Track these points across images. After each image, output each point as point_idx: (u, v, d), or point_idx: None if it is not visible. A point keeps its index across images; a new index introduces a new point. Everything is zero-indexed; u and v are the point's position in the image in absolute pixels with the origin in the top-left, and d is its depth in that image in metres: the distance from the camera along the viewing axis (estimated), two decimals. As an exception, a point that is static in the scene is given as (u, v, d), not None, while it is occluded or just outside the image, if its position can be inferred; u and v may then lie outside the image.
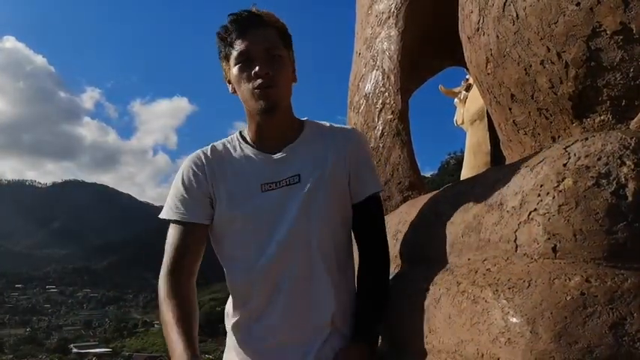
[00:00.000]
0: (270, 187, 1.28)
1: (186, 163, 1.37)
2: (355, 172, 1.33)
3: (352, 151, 1.34)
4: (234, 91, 1.33)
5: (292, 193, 1.27)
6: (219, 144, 1.40)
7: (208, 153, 1.37)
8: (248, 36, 1.26)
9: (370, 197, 1.34)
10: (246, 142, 1.37)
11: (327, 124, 1.42)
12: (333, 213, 1.29)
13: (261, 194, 1.27)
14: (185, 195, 1.32)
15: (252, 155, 1.34)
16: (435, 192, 1.63)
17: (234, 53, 1.27)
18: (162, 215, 1.34)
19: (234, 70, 1.28)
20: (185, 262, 1.28)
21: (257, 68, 1.24)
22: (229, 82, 1.34)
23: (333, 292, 1.26)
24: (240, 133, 1.41)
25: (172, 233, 1.31)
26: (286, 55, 1.31)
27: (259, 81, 1.24)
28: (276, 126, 1.33)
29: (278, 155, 1.32)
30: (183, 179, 1.34)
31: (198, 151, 1.39)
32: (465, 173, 3.97)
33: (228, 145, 1.38)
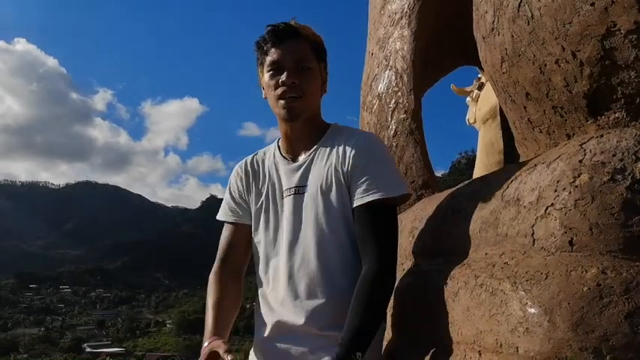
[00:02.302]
0: (288, 193, 1.40)
1: (233, 171, 1.58)
2: (353, 180, 1.31)
3: (355, 159, 1.31)
4: (266, 97, 1.42)
5: (299, 201, 1.37)
6: (261, 151, 1.56)
7: (249, 161, 1.54)
8: (281, 46, 1.35)
9: (365, 205, 1.27)
10: (280, 150, 1.49)
11: (348, 130, 1.43)
12: (332, 223, 1.32)
13: (282, 199, 1.41)
14: (229, 198, 1.54)
15: (280, 162, 1.46)
16: (450, 189, 1.66)
17: (268, 61, 1.37)
18: (218, 217, 1.56)
19: (266, 76, 1.38)
20: (231, 257, 1.49)
21: (284, 77, 1.33)
22: (262, 87, 1.43)
23: (330, 304, 1.29)
24: (278, 141, 1.52)
25: (223, 231, 1.53)
26: (316, 68, 1.39)
27: (284, 89, 1.33)
28: (298, 133, 1.42)
29: (295, 164, 1.42)
30: (228, 184, 1.57)
31: (244, 159, 1.57)
32: (478, 172, 3.98)
33: (267, 152, 1.53)
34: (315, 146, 1.41)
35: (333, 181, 1.33)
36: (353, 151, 1.32)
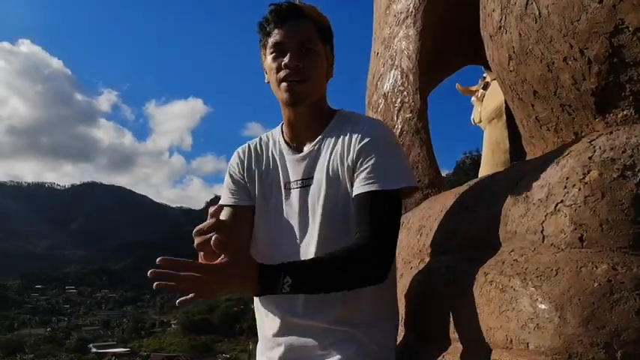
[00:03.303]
0: (291, 185, 1.34)
1: (233, 155, 1.49)
2: (356, 170, 1.25)
3: (359, 149, 1.25)
4: (269, 81, 1.35)
5: (305, 194, 1.31)
6: (264, 136, 1.48)
7: (252, 145, 1.46)
8: (285, 27, 1.28)
9: (363, 194, 1.21)
10: (284, 136, 1.42)
11: (355, 118, 1.36)
12: (341, 216, 1.27)
13: (285, 191, 1.35)
14: (229, 182, 1.44)
15: (284, 152, 1.39)
16: (458, 187, 1.66)
17: (270, 42, 1.30)
18: (221, 202, 1.43)
19: (268, 58, 1.31)
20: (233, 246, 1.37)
21: (287, 59, 1.26)
22: (265, 72, 1.36)
23: (341, 299, 1.23)
24: (282, 126, 1.44)
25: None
26: (321, 50, 1.32)
27: (287, 72, 1.27)
28: (302, 119, 1.35)
29: (300, 154, 1.35)
30: (228, 168, 1.47)
31: (245, 144, 1.49)
32: (483, 171, 3.98)
33: (270, 138, 1.45)
34: (321, 135, 1.34)
35: (339, 172, 1.27)
36: (358, 141, 1.26)
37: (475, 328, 1.08)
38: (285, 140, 1.41)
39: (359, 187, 1.22)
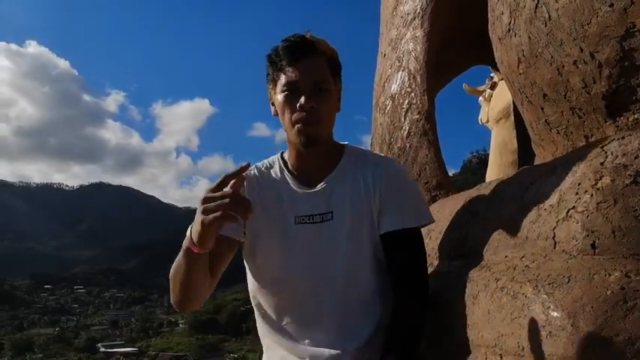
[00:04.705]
0: (304, 220, 1.30)
1: None
2: (384, 206, 1.28)
3: (386, 185, 1.29)
4: (277, 114, 1.33)
5: (325, 229, 1.29)
6: (261, 167, 1.41)
7: (250, 176, 1.38)
8: (299, 65, 1.25)
9: (395, 232, 1.26)
10: (287, 168, 1.38)
11: (367, 153, 1.41)
12: (365, 250, 1.28)
13: (295, 226, 1.30)
14: None
15: (292, 185, 1.35)
16: (466, 191, 1.65)
17: (283, 80, 1.27)
18: None
19: (280, 97, 1.28)
20: (212, 269, 1.28)
21: (302, 100, 1.24)
22: (273, 104, 1.34)
23: (364, 326, 1.26)
24: (282, 155, 1.42)
25: None
26: (333, 88, 1.31)
27: (302, 114, 1.25)
28: (314, 157, 1.34)
29: (314, 189, 1.32)
30: None
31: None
32: (491, 172, 3.96)
33: (270, 170, 1.40)
34: (334, 171, 1.34)
35: (363, 208, 1.28)
36: (383, 179, 1.30)
37: (486, 335, 1.07)
38: (289, 171, 1.38)
39: (385, 225, 1.27)
